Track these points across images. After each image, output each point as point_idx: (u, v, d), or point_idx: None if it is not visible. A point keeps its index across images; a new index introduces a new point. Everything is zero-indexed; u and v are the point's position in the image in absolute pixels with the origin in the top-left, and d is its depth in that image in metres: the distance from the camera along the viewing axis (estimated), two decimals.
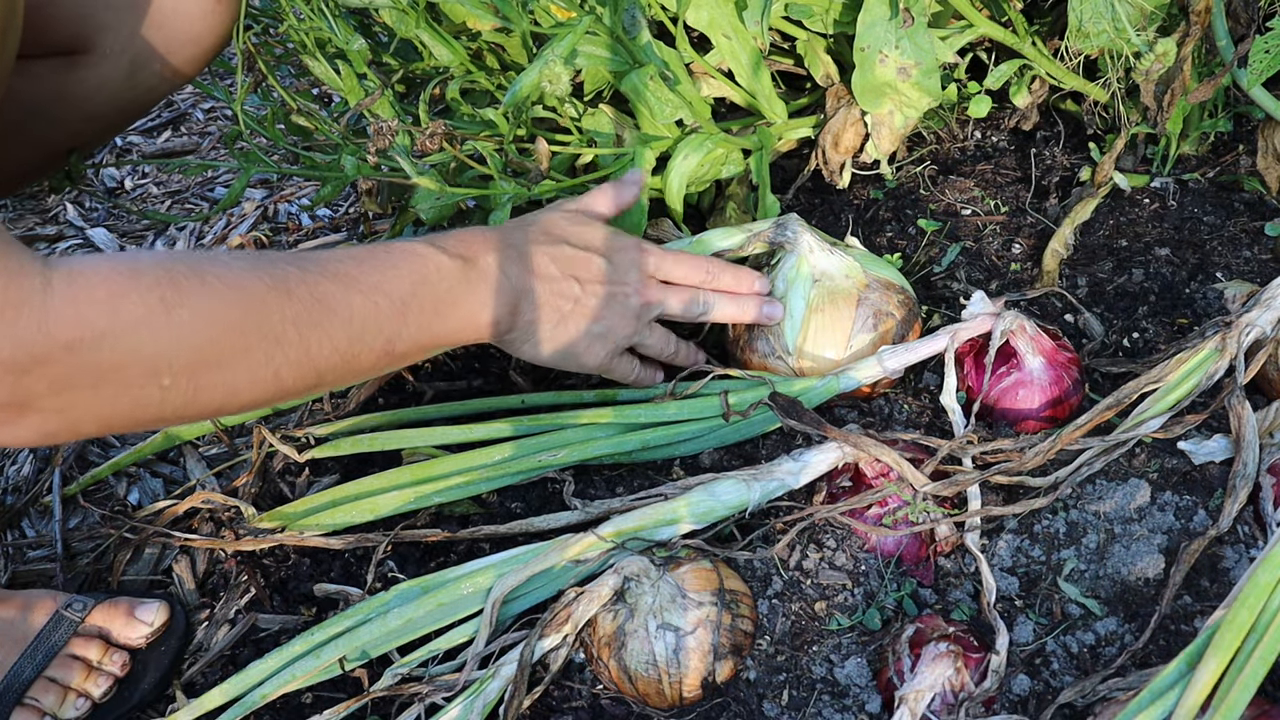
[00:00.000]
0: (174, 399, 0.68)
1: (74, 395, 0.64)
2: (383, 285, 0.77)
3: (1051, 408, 0.94)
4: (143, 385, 0.66)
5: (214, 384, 0.69)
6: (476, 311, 0.84)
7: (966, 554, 0.88)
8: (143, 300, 0.65)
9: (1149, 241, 1.13)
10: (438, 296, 0.81)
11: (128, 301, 0.64)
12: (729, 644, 0.82)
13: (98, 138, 1.08)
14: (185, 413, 0.70)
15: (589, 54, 1.05)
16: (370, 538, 0.94)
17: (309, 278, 0.74)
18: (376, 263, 0.78)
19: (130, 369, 0.65)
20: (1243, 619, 0.70)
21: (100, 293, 0.64)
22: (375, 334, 0.77)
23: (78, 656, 0.90)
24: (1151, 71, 0.99)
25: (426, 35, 1.04)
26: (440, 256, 0.82)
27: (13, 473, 1.18)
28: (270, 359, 0.71)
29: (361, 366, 0.78)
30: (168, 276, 0.67)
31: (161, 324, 0.65)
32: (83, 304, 0.63)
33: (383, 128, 0.94)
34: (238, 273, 0.70)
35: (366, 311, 0.76)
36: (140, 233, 1.57)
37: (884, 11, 1.02)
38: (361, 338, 0.76)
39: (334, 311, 0.74)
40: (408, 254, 0.81)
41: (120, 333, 0.64)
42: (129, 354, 0.65)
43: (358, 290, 0.76)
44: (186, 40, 0.95)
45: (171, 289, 0.66)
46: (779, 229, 1.01)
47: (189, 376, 0.68)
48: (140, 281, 0.65)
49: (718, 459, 0.99)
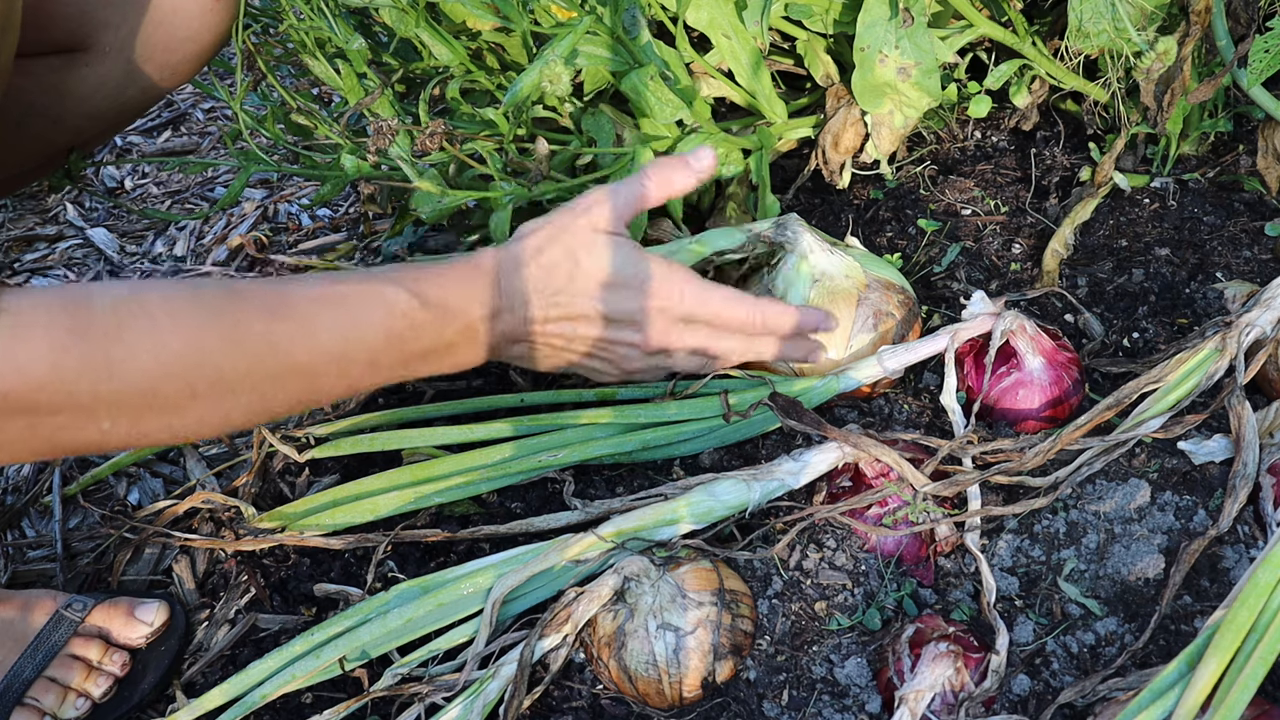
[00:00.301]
0: (115, 438, 0.67)
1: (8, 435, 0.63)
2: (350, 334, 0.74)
3: (1051, 408, 0.94)
4: (81, 427, 0.65)
5: (158, 427, 0.68)
6: (455, 359, 0.81)
7: (966, 554, 0.88)
8: (86, 353, 0.63)
9: (1149, 241, 1.13)
10: (408, 352, 0.77)
11: (69, 356, 0.63)
12: (729, 644, 0.82)
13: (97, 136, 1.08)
14: (129, 446, 0.70)
15: (589, 54, 1.05)
16: (370, 538, 0.94)
17: (273, 328, 0.71)
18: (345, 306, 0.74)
19: (68, 414, 0.64)
20: (1243, 619, 0.70)
21: (41, 346, 0.62)
22: (336, 380, 0.75)
23: (78, 656, 0.90)
24: (1152, 70, 0.99)
25: (426, 34, 1.04)
26: (418, 311, 0.76)
27: (13, 473, 1.18)
28: (219, 405, 0.70)
29: (321, 402, 0.77)
30: (115, 325, 0.65)
31: (103, 376, 0.64)
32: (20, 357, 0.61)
33: (383, 127, 0.95)
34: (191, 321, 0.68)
35: (326, 361, 0.73)
36: (140, 232, 1.57)
37: (884, 11, 1.02)
38: (319, 385, 0.74)
39: (291, 362, 0.72)
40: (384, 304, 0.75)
41: (59, 384, 0.63)
42: (66, 401, 0.63)
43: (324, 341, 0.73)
44: (185, 38, 0.95)
45: (117, 341, 0.65)
46: (779, 229, 1.01)
47: (131, 421, 0.67)
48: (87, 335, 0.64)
49: (718, 459, 0.99)
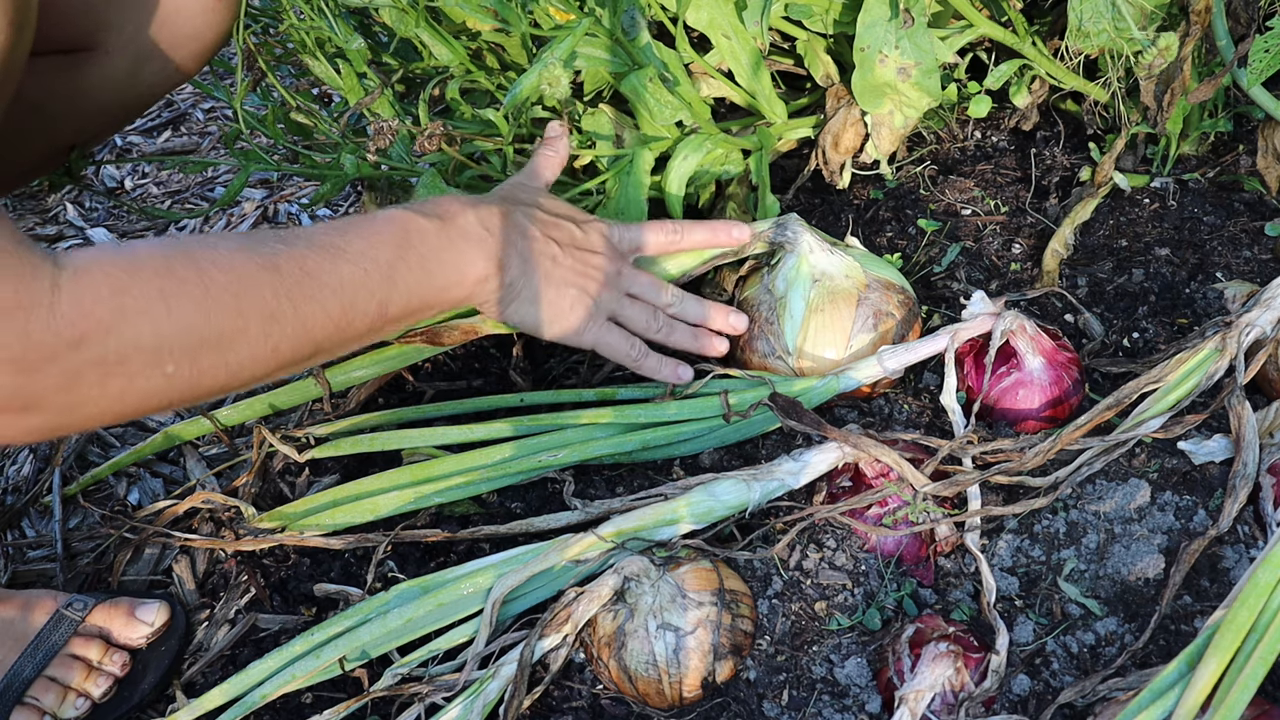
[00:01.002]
0: (178, 384, 0.70)
1: (82, 390, 0.66)
2: (368, 252, 0.79)
3: (1051, 408, 0.94)
4: (147, 375, 0.68)
5: (215, 365, 0.71)
6: (462, 266, 0.86)
7: (966, 554, 0.88)
8: (143, 293, 0.67)
9: (1149, 241, 1.13)
10: (422, 255, 0.83)
11: (129, 296, 0.66)
12: (729, 644, 0.82)
13: (99, 134, 1.08)
14: (190, 395, 0.72)
15: (588, 55, 1.05)
16: (370, 538, 0.94)
17: (296, 252, 0.75)
18: (359, 232, 0.80)
19: (135, 360, 0.67)
20: (1243, 619, 0.70)
21: (104, 290, 0.65)
22: (367, 299, 0.79)
23: (78, 656, 0.90)
24: (1154, 66, 0.99)
25: (426, 35, 1.04)
26: (419, 219, 0.84)
27: (13, 473, 1.18)
28: (268, 335, 0.73)
29: (357, 332, 0.80)
30: (165, 266, 0.69)
31: (162, 314, 0.67)
32: (88, 302, 0.64)
33: (383, 127, 0.95)
34: (229, 256, 0.72)
35: (355, 279, 0.78)
36: (140, 232, 1.57)
37: (884, 12, 1.02)
38: (354, 304, 0.78)
39: (324, 283, 0.76)
40: (388, 220, 0.83)
41: (124, 327, 0.66)
42: (133, 346, 0.66)
43: (344, 259, 0.78)
44: (188, 37, 0.95)
45: (169, 279, 0.68)
46: (779, 229, 1.01)
47: (191, 361, 0.69)
48: (140, 274, 0.67)
49: (718, 459, 0.99)
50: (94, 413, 0.68)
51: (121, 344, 0.66)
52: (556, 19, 1.03)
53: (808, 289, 0.99)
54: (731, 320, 1.01)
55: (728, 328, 1.01)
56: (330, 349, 0.79)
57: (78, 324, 0.64)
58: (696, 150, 1.09)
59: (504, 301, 0.90)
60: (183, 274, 0.69)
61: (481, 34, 1.12)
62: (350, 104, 1.08)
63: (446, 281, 0.85)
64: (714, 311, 1.01)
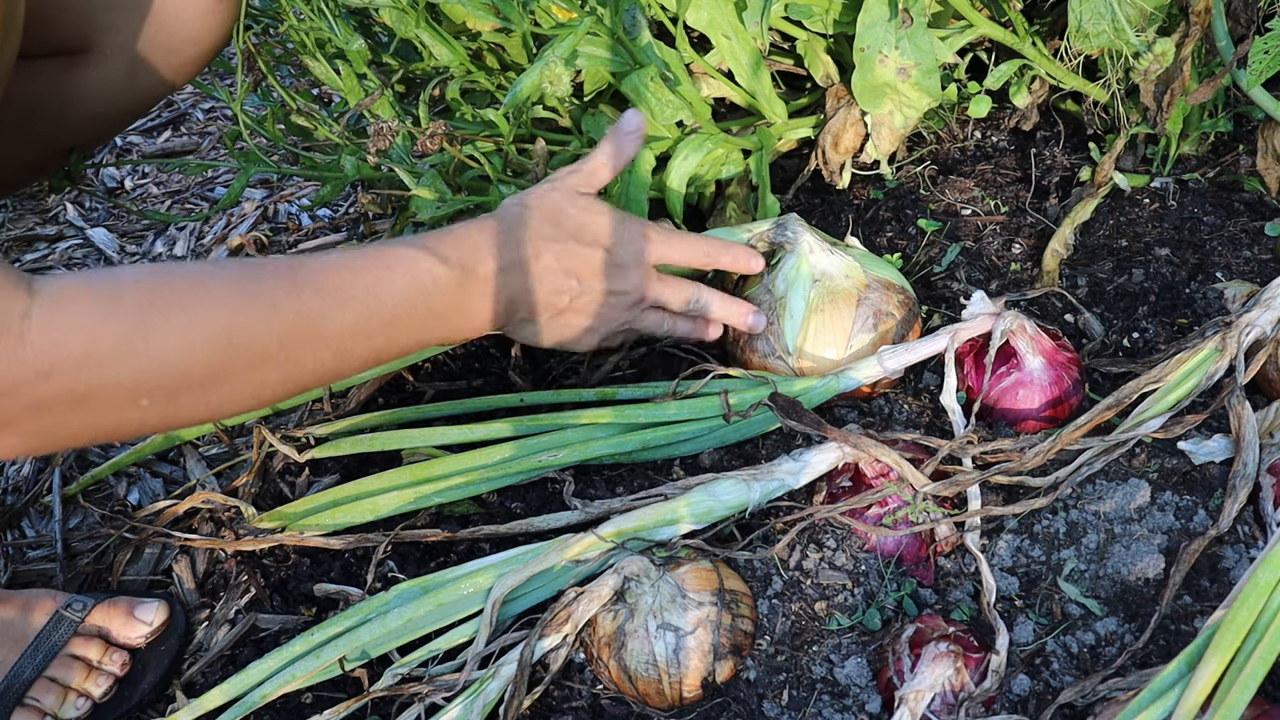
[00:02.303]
0: (152, 417, 0.68)
1: (51, 417, 0.64)
2: (379, 296, 0.76)
3: (1051, 408, 0.94)
4: (120, 407, 0.66)
5: (194, 402, 0.69)
6: (471, 316, 0.85)
7: (966, 554, 0.88)
8: (121, 328, 0.65)
9: (1149, 241, 1.13)
10: (431, 307, 0.80)
11: (105, 331, 0.64)
12: (729, 644, 0.82)
13: (99, 137, 1.08)
14: (166, 426, 0.71)
15: (589, 55, 1.05)
16: (370, 538, 0.94)
17: (301, 295, 0.72)
18: (372, 273, 0.77)
19: (106, 393, 0.65)
20: (1243, 619, 0.70)
21: (78, 321, 0.63)
22: (365, 346, 0.77)
23: (78, 656, 0.90)
24: (1149, 72, 0.99)
25: (426, 35, 1.04)
26: (438, 267, 0.80)
27: (13, 473, 1.18)
28: (251, 378, 0.71)
29: (346, 373, 0.79)
30: (148, 301, 0.66)
31: (140, 351, 0.65)
32: (59, 333, 0.63)
33: (383, 128, 0.95)
34: (222, 294, 0.70)
35: (355, 328, 0.75)
36: (140, 233, 1.57)
37: (884, 12, 1.02)
38: (350, 351, 0.76)
39: (321, 331, 0.73)
40: (404, 261, 0.79)
41: (97, 361, 0.64)
42: (106, 380, 0.65)
43: (350, 306, 0.75)
44: (187, 40, 0.95)
45: (152, 314, 0.66)
46: (779, 229, 1.01)
47: (168, 397, 0.68)
48: (120, 307, 0.65)
49: (718, 459, 0.99)
50: (65, 437, 0.67)
51: (92, 378, 0.64)
52: (558, 18, 1.04)
53: (808, 289, 0.99)
54: (751, 320, 0.99)
55: (746, 329, 0.99)
56: (316, 386, 0.78)
57: (47, 354, 0.62)
58: (697, 150, 1.09)
59: (510, 333, 0.91)
60: (167, 311, 0.67)
61: (481, 34, 1.12)
62: (350, 105, 1.08)
63: (452, 330, 0.84)
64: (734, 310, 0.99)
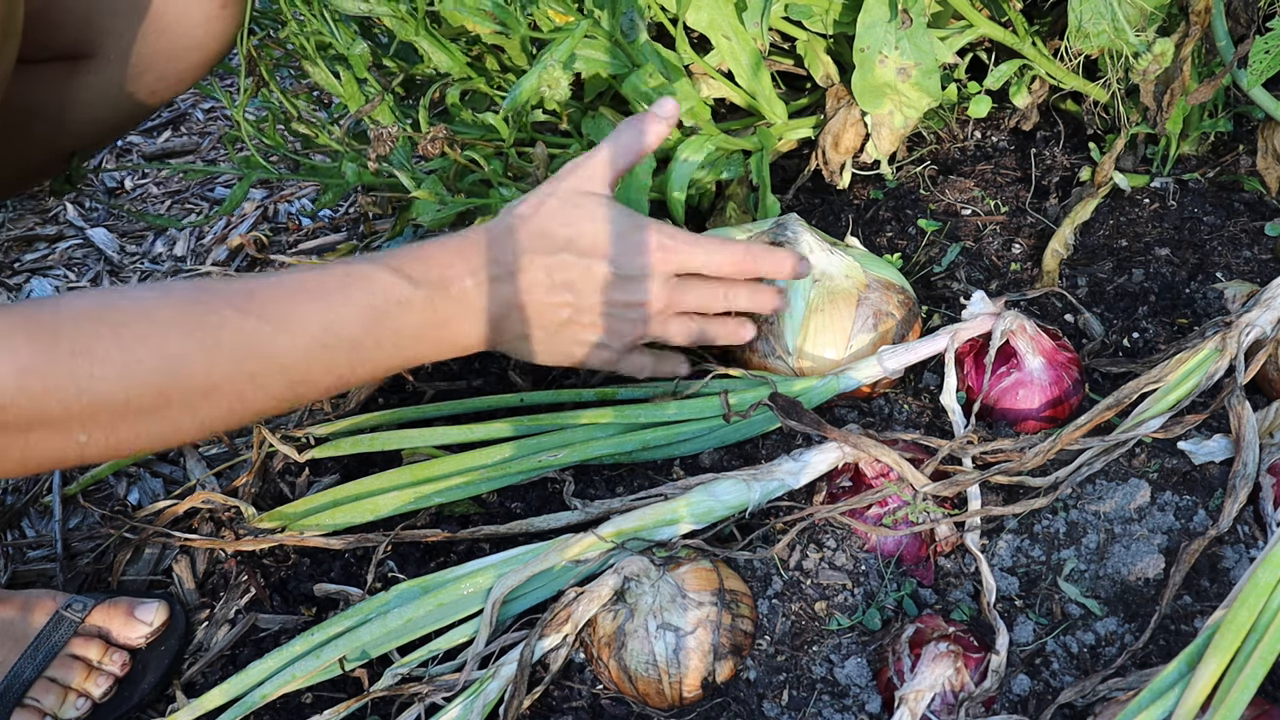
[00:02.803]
0: (93, 449, 0.68)
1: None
2: (333, 325, 0.73)
3: (1051, 408, 0.94)
4: (57, 442, 0.66)
5: (135, 434, 0.69)
6: (455, 335, 0.81)
7: (966, 554, 0.88)
8: (52, 371, 0.64)
9: (1149, 241, 1.13)
10: (398, 330, 0.77)
11: (33, 375, 0.63)
12: (729, 644, 0.82)
13: (100, 141, 1.08)
14: (110, 456, 0.70)
15: (588, 57, 1.05)
16: (370, 538, 0.94)
17: (246, 324, 0.70)
18: (328, 298, 0.74)
19: (40, 430, 0.65)
20: (1243, 619, 0.70)
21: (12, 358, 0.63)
22: (323, 373, 0.74)
23: (78, 656, 0.90)
24: (1149, 72, 0.99)
25: (426, 41, 1.04)
26: (403, 287, 0.76)
27: None
28: (195, 411, 0.70)
29: (307, 399, 0.77)
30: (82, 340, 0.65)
31: (71, 393, 0.65)
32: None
33: (383, 134, 0.95)
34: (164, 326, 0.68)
35: (310, 355, 0.73)
36: (140, 233, 1.57)
37: (884, 12, 1.02)
38: (306, 379, 0.74)
39: (270, 360, 0.71)
40: (365, 284, 0.75)
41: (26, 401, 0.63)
42: (37, 417, 0.64)
43: (302, 333, 0.72)
44: (189, 46, 0.95)
45: (84, 356, 0.65)
46: (779, 229, 1.01)
47: (107, 432, 0.67)
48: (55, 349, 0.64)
49: (718, 459, 0.99)
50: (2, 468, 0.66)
51: (24, 415, 0.63)
52: (555, 21, 1.04)
53: (808, 289, 0.99)
54: (778, 302, 0.94)
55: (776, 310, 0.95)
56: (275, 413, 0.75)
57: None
58: (697, 151, 1.09)
59: (506, 350, 0.87)
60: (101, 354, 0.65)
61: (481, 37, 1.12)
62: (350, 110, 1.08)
63: (430, 351, 0.80)
64: (764, 296, 0.93)
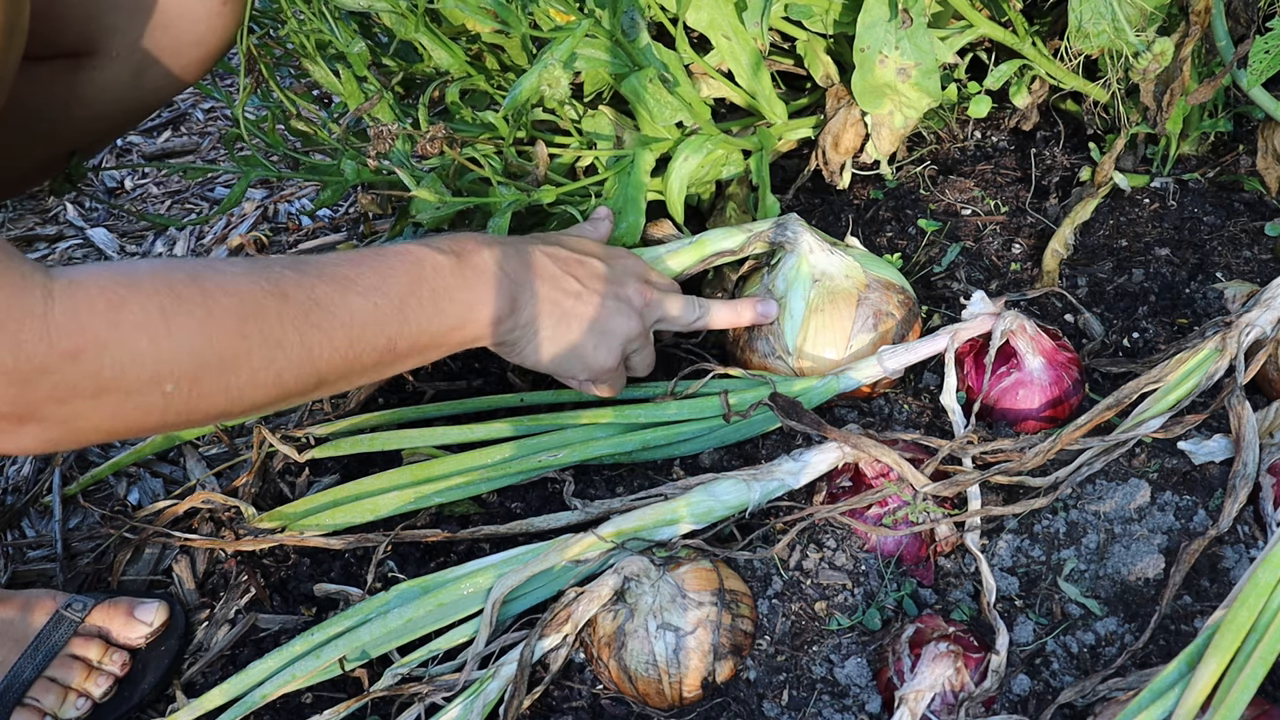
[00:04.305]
0: (176, 404, 0.68)
1: (77, 404, 0.65)
2: (380, 286, 0.78)
3: (1051, 408, 0.94)
4: (145, 392, 0.67)
5: (216, 389, 0.70)
6: (475, 306, 0.84)
7: (966, 554, 0.88)
8: (142, 308, 0.65)
9: (1149, 241, 1.13)
10: (435, 292, 0.81)
11: (127, 310, 0.65)
12: (729, 644, 0.82)
13: (102, 139, 1.08)
14: (189, 417, 0.71)
15: (588, 57, 1.05)
16: (370, 538, 0.94)
17: (306, 281, 0.74)
18: (372, 265, 0.79)
19: (131, 376, 0.65)
20: (1243, 619, 0.70)
21: (100, 303, 0.64)
22: (376, 333, 0.78)
23: (78, 656, 0.90)
24: (1148, 72, 0.99)
25: (426, 39, 1.04)
26: (434, 255, 0.83)
27: (13, 473, 1.18)
28: (271, 361, 0.72)
29: (363, 365, 0.79)
30: (166, 284, 0.67)
31: (161, 332, 0.66)
32: (84, 314, 0.63)
33: (382, 132, 0.94)
34: (234, 278, 0.71)
35: (365, 312, 0.77)
36: (140, 232, 1.57)
37: (884, 12, 1.02)
38: (362, 337, 0.77)
39: (332, 313, 0.75)
40: (402, 255, 0.82)
41: (121, 341, 0.65)
42: (130, 362, 0.65)
43: (355, 291, 0.77)
44: (192, 42, 0.95)
45: (170, 297, 0.67)
46: (779, 229, 1.01)
47: (191, 382, 0.68)
48: (139, 290, 0.66)
49: (718, 459, 0.99)
50: (88, 428, 0.67)
51: (118, 359, 0.64)
52: (556, 20, 1.04)
53: (808, 289, 0.99)
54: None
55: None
56: (335, 381, 0.78)
57: (73, 336, 0.62)
58: (697, 151, 1.09)
59: (520, 344, 0.89)
60: (185, 293, 0.68)
61: (481, 35, 1.12)
62: (350, 108, 1.08)
63: (459, 320, 0.84)
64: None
